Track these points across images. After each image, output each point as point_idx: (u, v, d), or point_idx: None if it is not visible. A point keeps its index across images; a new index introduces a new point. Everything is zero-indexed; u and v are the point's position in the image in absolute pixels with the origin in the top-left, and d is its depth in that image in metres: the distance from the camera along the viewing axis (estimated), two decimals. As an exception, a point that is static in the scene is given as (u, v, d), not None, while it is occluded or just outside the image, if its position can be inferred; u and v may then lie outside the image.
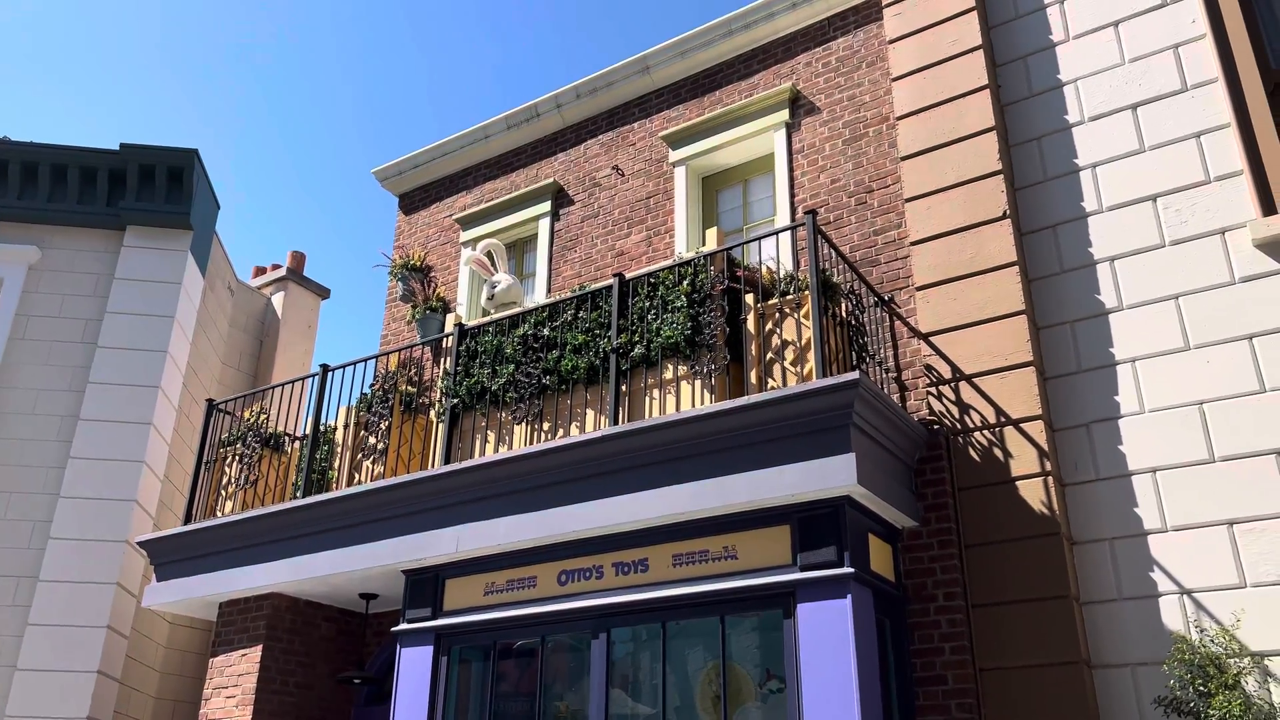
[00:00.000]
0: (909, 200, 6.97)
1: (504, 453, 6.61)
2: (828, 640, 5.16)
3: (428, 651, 6.72)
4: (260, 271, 13.74)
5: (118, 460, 9.46)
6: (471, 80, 34.22)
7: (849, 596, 5.19)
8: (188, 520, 8.28)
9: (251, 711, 7.47)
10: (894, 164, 7.33)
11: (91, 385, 9.68)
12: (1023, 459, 5.91)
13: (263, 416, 8.49)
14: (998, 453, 6.01)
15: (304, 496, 7.61)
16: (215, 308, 11.68)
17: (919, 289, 6.69)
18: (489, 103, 33.78)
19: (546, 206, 9.49)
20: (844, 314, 6.27)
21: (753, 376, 6.01)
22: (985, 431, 6.10)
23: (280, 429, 8.71)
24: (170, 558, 8.21)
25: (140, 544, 8.45)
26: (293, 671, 7.87)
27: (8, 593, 8.97)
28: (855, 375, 5.27)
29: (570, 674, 6.48)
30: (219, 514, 8.32)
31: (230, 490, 8.37)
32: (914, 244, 6.83)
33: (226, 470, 8.50)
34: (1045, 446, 5.88)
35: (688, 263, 6.53)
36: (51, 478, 9.38)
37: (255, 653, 7.69)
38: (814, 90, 8.09)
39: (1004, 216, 6.51)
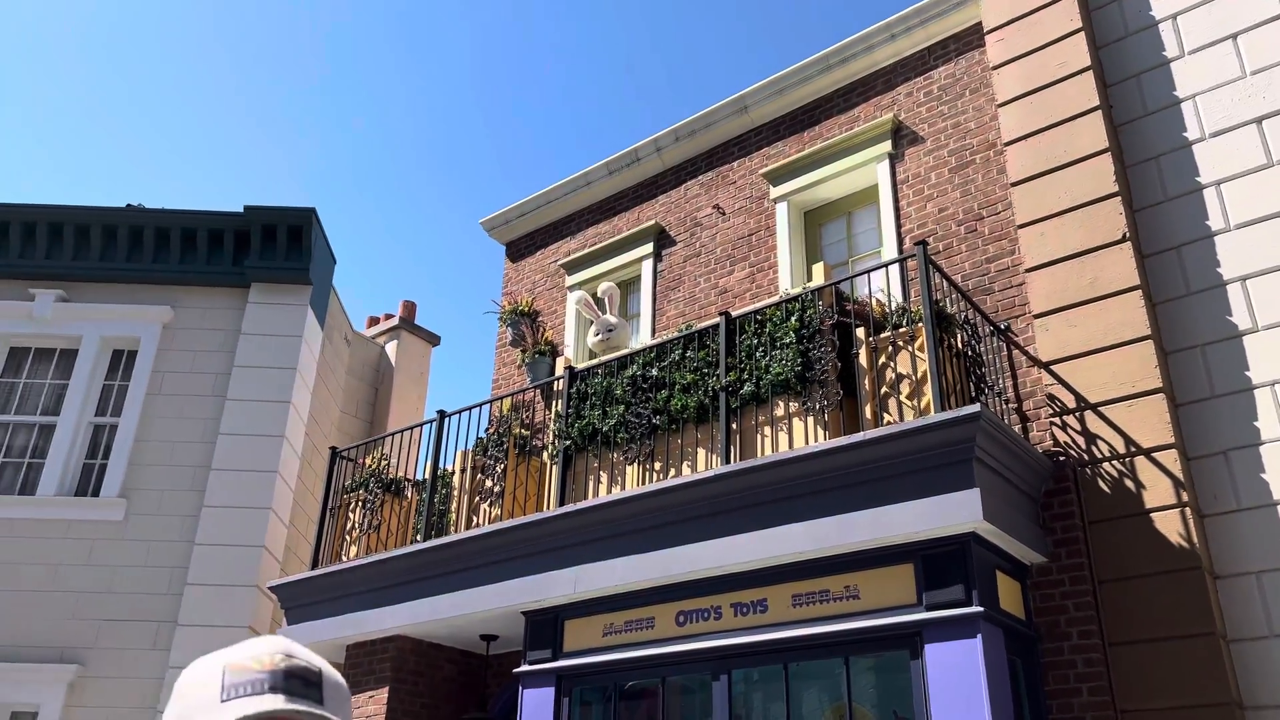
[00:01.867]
0: (1022, 226, 6.82)
1: (617, 493, 6.66)
2: (959, 681, 5.01)
3: (549, 693, 6.77)
4: (374, 321, 14.23)
5: (247, 508, 9.86)
6: (573, 128, 34.93)
7: (979, 636, 5.03)
8: (315, 565, 8.56)
9: (379, 752, 7.64)
10: (1004, 190, 7.19)
11: (221, 436, 10.14)
12: (1156, 490, 5.67)
13: (384, 462, 8.74)
14: (1129, 484, 5.78)
15: (424, 540, 7.80)
16: (334, 358, 12.13)
17: (1036, 316, 6.52)
18: (590, 149, 34.44)
19: (649, 248, 9.60)
20: (959, 345, 6.14)
21: (867, 411, 5.93)
22: (1115, 462, 5.88)
23: (400, 474, 8.96)
24: (299, 601, 8.49)
25: (271, 588, 8.77)
26: (418, 713, 8.01)
27: (149, 637, 9.40)
28: (976, 408, 5.15)
29: (690, 715, 6.44)
30: (344, 558, 8.58)
31: (354, 535, 8.63)
32: (1029, 270, 6.67)
33: (350, 515, 8.77)
34: (1180, 476, 5.63)
35: (795, 298, 6.51)
36: (187, 526, 9.83)
37: (382, 694, 7.86)
38: (916, 120, 8.02)
39: (1124, 239, 6.32)
